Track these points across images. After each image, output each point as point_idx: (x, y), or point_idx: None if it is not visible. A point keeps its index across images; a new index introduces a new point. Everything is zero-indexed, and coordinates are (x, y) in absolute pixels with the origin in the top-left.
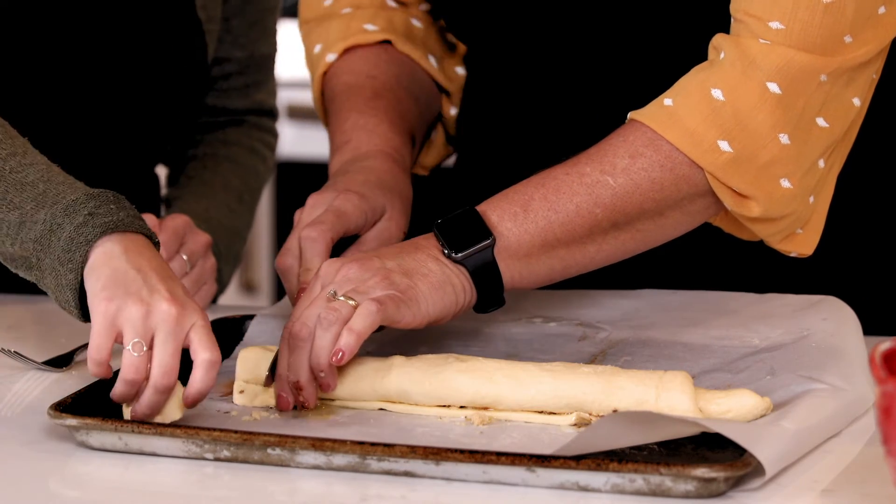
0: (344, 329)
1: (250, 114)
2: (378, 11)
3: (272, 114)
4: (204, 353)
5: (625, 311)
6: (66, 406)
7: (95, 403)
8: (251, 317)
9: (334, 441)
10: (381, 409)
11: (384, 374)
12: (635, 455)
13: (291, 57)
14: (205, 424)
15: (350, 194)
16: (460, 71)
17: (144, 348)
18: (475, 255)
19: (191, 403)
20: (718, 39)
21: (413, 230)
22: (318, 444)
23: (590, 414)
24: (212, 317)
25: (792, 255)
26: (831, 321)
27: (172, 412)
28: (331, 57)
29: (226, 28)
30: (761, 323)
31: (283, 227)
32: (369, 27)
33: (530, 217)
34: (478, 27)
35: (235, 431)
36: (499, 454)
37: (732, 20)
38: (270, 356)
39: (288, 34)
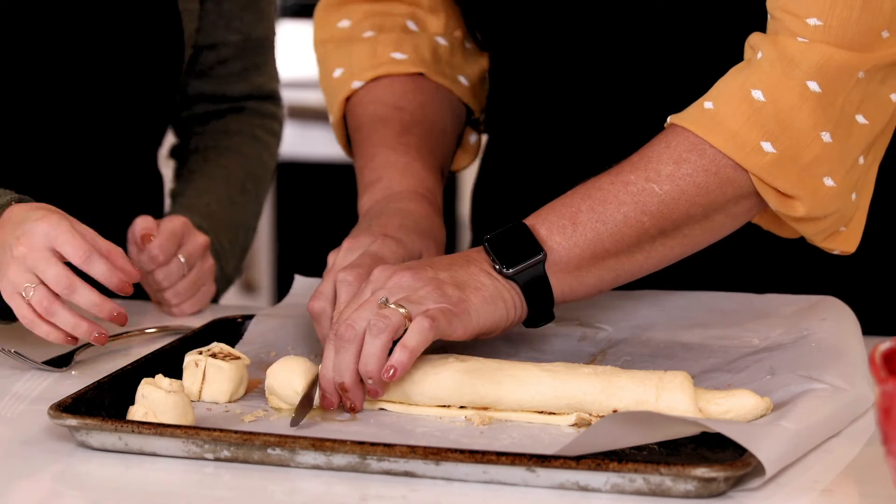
0: (398, 345)
1: (250, 99)
2: (402, 37)
3: (274, 98)
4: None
5: (625, 311)
6: (66, 406)
7: (95, 403)
8: (251, 317)
9: (334, 441)
10: (382, 409)
11: None
12: (635, 455)
13: (291, 57)
14: (205, 424)
15: (388, 240)
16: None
17: (34, 287)
18: (526, 270)
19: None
20: (755, 39)
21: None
22: (318, 444)
23: (590, 414)
24: (212, 317)
25: (835, 252)
26: (831, 321)
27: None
28: (356, 84)
29: (217, 12)
30: (761, 323)
31: (283, 227)
32: (398, 56)
33: (579, 230)
34: (505, 28)
35: (235, 431)
36: (499, 454)
37: (769, 17)
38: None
39: (288, 34)
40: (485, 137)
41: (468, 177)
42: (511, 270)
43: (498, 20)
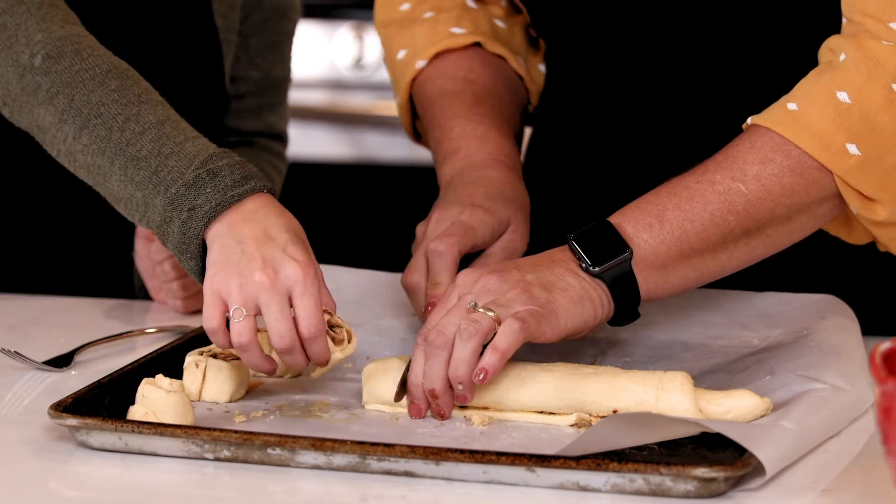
0: (489, 348)
1: (261, 136)
2: (462, 13)
3: (282, 139)
4: (305, 324)
5: None
6: (66, 406)
7: (95, 403)
8: None
9: (334, 441)
10: (379, 410)
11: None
12: (635, 455)
13: (292, 57)
14: (205, 424)
15: (476, 209)
16: (542, 69)
17: (244, 315)
18: (613, 268)
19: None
20: (836, 41)
21: None
22: (318, 444)
23: (590, 414)
24: None
25: None
26: (831, 320)
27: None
28: (420, 63)
29: (244, 47)
30: (761, 322)
31: None
32: (457, 30)
33: (666, 227)
34: (563, 22)
35: (235, 431)
36: (499, 454)
37: (846, 21)
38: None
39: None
40: (527, 130)
41: None
42: (598, 269)
43: (557, 14)
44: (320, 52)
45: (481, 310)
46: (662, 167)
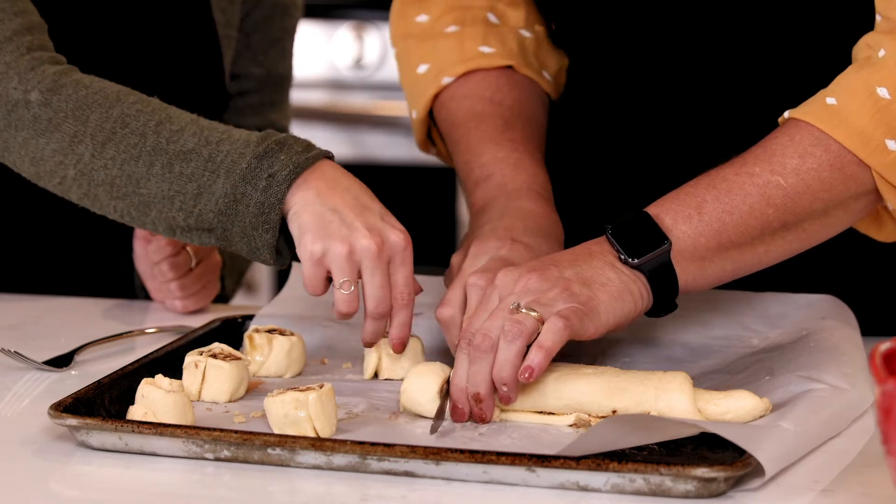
0: (534, 346)
1: None
2: (487, 30)
3: None
4: (403, 292)
5: None
6: (66, 406)
7: (95, 403)
8: (251, 317)
9: (334, 441)
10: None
11: None
12: (635, 455)
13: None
14: (205, 424)
15: (516, 245)
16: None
17: (352, 287)
18: (652, 259)
19: (397, 345)
20: (875, 38)
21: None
22: (318, 444)
23: (589, 415)
24: (212, 317)
25: None
26: (830, 321)
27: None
28: (447, 79)
29: (245, 43)
30: (760, 322)
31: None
32: (486, 49)
33: (704, 219)
34: (583, 27)
35: (235, 431)
36: (499, 454)
37: (880, 19)
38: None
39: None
40: None
41: None
42: (637, 260)
43: (577, 20)
44: (320, 52)
45: (524, 310)
46: (681, 166)
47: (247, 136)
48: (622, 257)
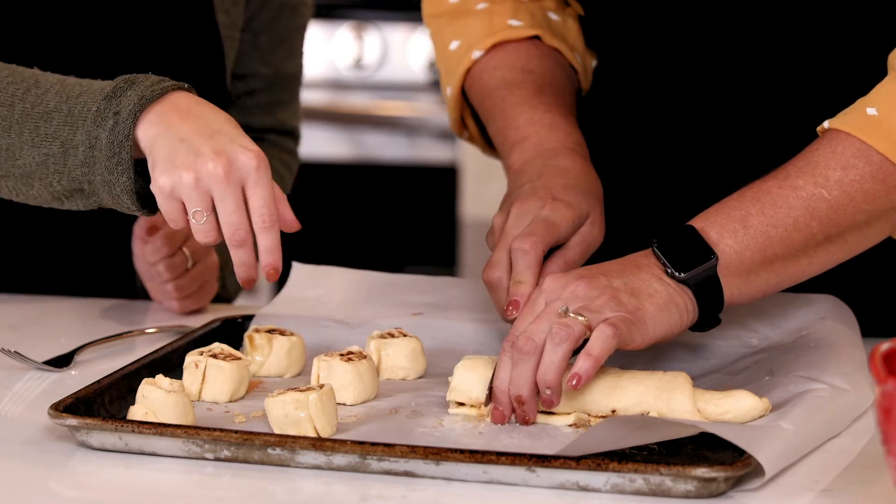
0: (582, 353)
1: (272, 132)
2: (517, 6)
3: (294, 135)
4: (260, 214)
5: None
6: (66, 406)
7: (95, 403)
8: (251, 317)
9: (334, 441)
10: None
11: None
12: (635, 455)
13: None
14: (205, 424)
15: (558, 203)
16: (594, 65)
17: (205, 216)
18: (698, 274)
19: (269, 273)
20: None
21: None
22: (318, 444)
23: (589, 415)
24: (212, 317)
25: None
26: (830, 321)
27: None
28: (477, 53)
29: (253, 43)
30: (760, 322)
31: None
32: (514, 23)
33: (750, 233)
34: (616, 26)
35: (235, 431)
36: (499, 454)
37: None
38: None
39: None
40: None
41: (469, 177)
42: (684, 275)
43: (608, 12)
44: (320, 52)
45: (572, 315)
46: (711, 169)
47: (105, 83)
48: (668, 271)
